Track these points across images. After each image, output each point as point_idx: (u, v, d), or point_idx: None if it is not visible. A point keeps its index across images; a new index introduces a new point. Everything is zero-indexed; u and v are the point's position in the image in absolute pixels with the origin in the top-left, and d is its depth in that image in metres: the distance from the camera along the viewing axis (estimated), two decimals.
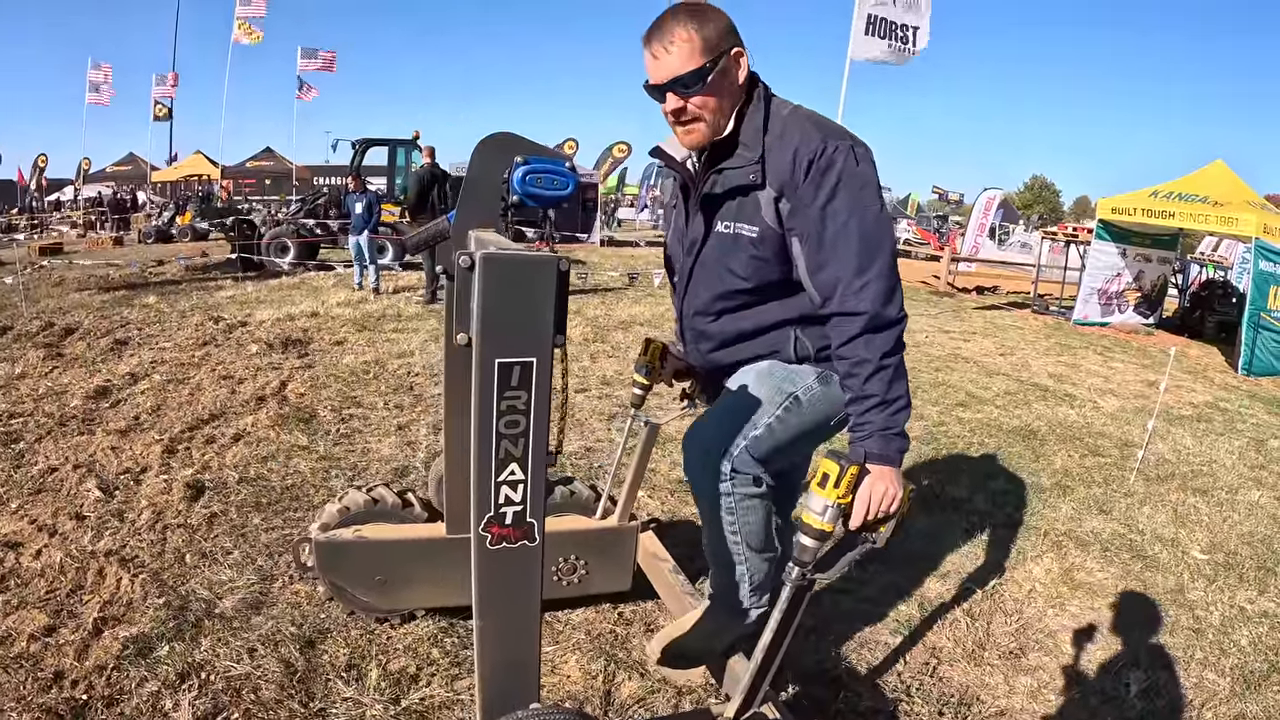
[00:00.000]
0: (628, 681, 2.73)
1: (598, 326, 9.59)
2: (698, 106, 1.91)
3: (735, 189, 1.98)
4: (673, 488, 4.53)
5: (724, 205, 2.02)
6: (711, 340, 2.17)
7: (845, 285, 1.83)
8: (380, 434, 5.21)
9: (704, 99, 1.90)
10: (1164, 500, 5.08)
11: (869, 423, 1.80)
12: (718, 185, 2.01)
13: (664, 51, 1.86)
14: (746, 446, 1.98)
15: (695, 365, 2.35)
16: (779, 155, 1.90)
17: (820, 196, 1.85)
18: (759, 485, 2.03)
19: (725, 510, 2.04)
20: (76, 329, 8.23)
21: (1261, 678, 3.18)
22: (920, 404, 7.06)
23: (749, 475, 2.00)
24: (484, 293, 1.39)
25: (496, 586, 1.58)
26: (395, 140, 17.39)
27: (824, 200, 1.85)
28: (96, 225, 25.56)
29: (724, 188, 2.00)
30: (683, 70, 1.86)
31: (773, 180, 1.91)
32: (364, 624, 2.92)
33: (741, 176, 1.95)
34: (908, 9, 10.02)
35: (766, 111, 1.98)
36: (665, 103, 1.92)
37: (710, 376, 2.38)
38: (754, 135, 1.95)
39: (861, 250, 1.83)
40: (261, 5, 28.89)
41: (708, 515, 2.09)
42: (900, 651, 3.12)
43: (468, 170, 2.28)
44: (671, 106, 1.91)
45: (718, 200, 2.03)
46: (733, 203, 2.00)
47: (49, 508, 3.80)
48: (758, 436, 1.99)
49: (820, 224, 1.86)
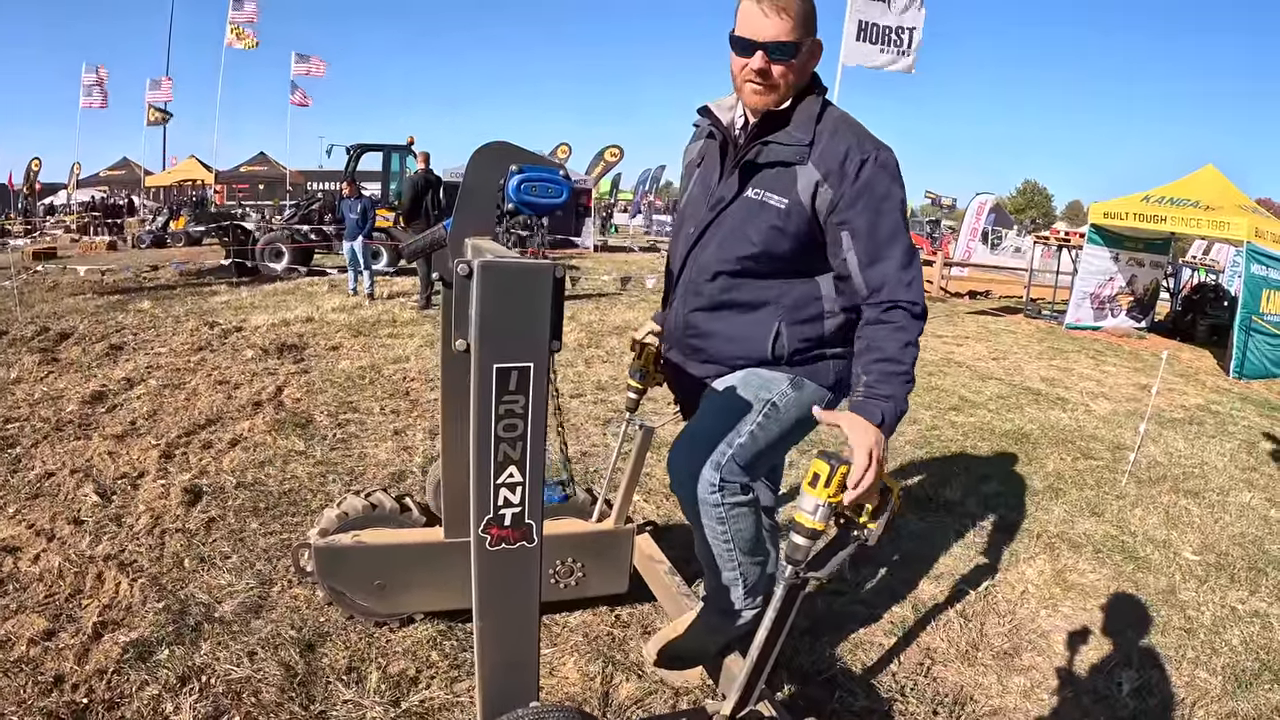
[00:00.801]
0: (625, 683, 2.75)
1: (592, 332, 9.61)
2: (780, 75, 1.98)
3: (777, 162, 2.04)
4: (668, 491, 4.55)
5: (760, 173, 2.08)
6: (700, 298, 2.20)
7: (896, 279, 1.94)
8: (377, 439, 5.23)
9: (786, 70, 1.98)
10: (1156, 502, 5.12)
11: (886, 388, 1.86)
12: (761, 155, 2.06)
13: (774, 12, 1.92)
14: (733, 455, 2.03)
15: (669, 331, 2.36)
16: (831, 145, 1.99)
17: (875, 194, 1.96)
18: (747, 492, 2.08)
19: (716, 520, 2.07)
20: (72, 334, 8.24)
21: (1253, 676, 3.22)
22: (914, 408, 7.09)
23: (737, 484, 2.05)
24: (482, 300, 1.42)
25: (496, 587, 1.61)
26: (390, 146, 17.43)
27: (879, 201, 1.96)
28: (90, 230, 25.49)
29: (767, 159, 2.05)
30: (785, 37, 1.93)
31: (819, 164, 1.99)
32: (363, 628, 2.94)
33: (788, 154, 2.02)
34: (901, 13, 10.04)
35: (823, 106, 2.07)
36: (751, 59, 1.97)
37: (674, 370, 2.41)
38: (807, 120, 2.03)
39: (908, 251, 1.98)
40: (254, 11, 28.88)
41: (699, 525, 2.12)
42: (895, 652, 3.15)
43: (464, 179, 2.31)
44: (758, 64, 1.96)
45: (756, 168, 2.08)
46: (770, 172, 2.06)
47: (47, 512, 3.81)
48: (742, 444, 2.04)
49: (875, 219, 1.96)
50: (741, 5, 1.98)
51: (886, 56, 10.10)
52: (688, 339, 2.26)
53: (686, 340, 2.27)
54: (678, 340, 2.31)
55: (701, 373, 2.26)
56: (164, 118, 31.43)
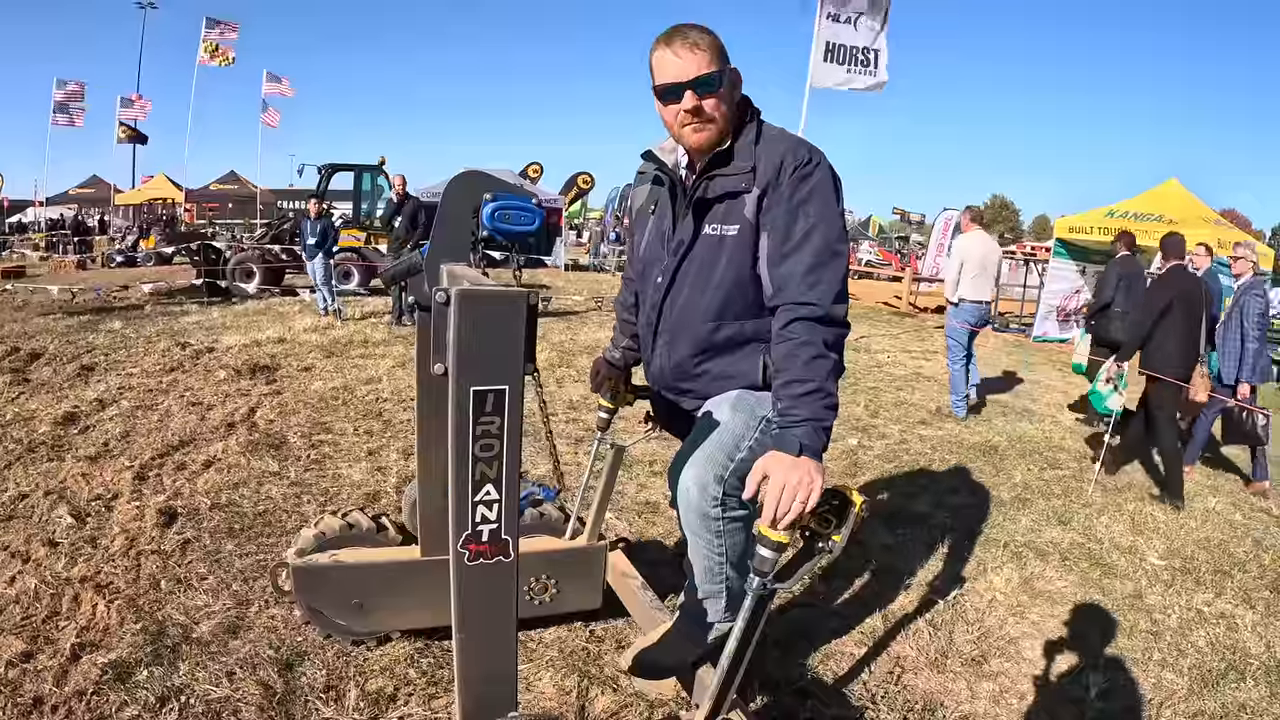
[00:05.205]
0: (601, 696, 2.79)
1: (563, 351, 9.66)
2: (712, 108, 2.03)
3: (726, 194, 2.10)
4: (639, 509, 4.61)
5: (713, 209, 2.13)
6: (685, 345, 2.23)
7: (801, 279, 1.94)
8: (351, 459, 5.24)
9: (717, 102, 2.03)
10: (1122, 510, 5.25)
11: (800, 411, 1.83)
12: (710, 190, 2.12)
13: (687, 52, 1.98)
14: (734, 470, 2.06)
15: (654, 375, 2.39)
16: (767, 161, 2.04)
17: (797, 195, 1.99)
18: (744, 508, 2.11)
19: (714, 533, 2.12)
20: (42, 354, 8.17)
21: (1219, 676, 3.32)
22: (883, 422, 7.20)
23: (736, 498, 2.08)
24: (459, 326, 1.48)
25: (475, 601, 1.66)
26: (361, 165, 17.39)
27: (799, 200, 1.99)
28: (60, 248, 25.20)
29: (715, 193, 2.11)
30: (705, 69, 1.99)
31: (759, 182, 2.04)
32: (341, 647, 2.96)
33: (734, 183, 2.07)
34: (866, 33, 10.17)
35: (759, 130, 2.13)
36: (682, 101, 2.02)
37: (668, 406, 2.46)
38: (747, 148, 2.09)
39: (822, 251, 1.96)
40: (234, 28, 28.75)
41: (696, 536, 2.16)
42: (865, 661, 3.22)
43: (439, 206, 2.36)
44: (689, 105, 2.01)
45: (708, 204, 2.14)
46: (721, 207, 2.12)
47: (20, 534, 3.79)
48: (742, 459, 2.07)
49: (790, 219, 1.99)
50: (654, 57, 2.04)
51: (855, 77, 10.22)
52: (678, 382, 2.31)
53: (677, 384, 2.31)
54: (668, 384, 2.35)
55: (694, 407, 2.31)
56: (137, 136, 31.07)
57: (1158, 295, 5.95)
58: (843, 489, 1.85)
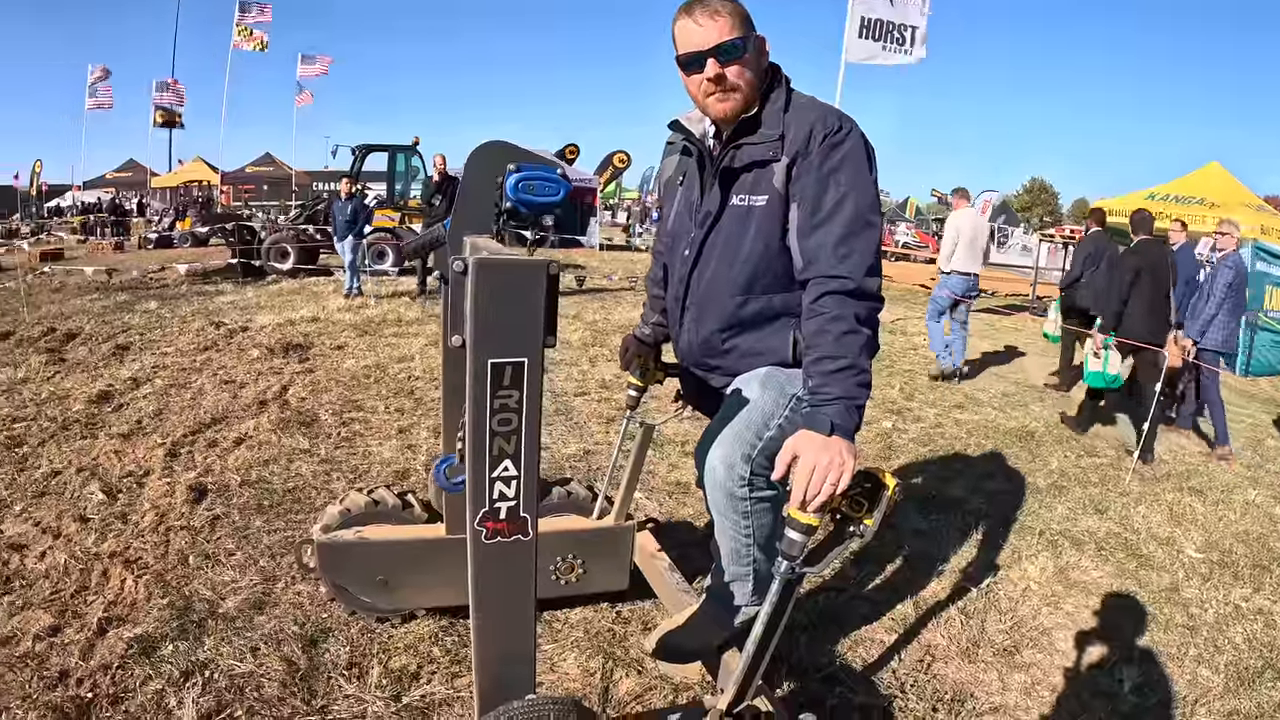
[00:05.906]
0: (625, 678, 2.76)
1: (597, 330, 9.63)
2: (735, 76, 1.97)
3: (754, 163, 2.03)
4: (669, 489, 4.57)
5: (740, 179, 2.07)
6: (713, 320, 2.17)
7: (831, 251, 1.87)
8: (381, 437, 5.25)
9: (741, 69, 1.97)
10: (1160, 500, 5.12)
11: (832, 388, 1.76)
12: (737, 159, 2.05)
13: (708, 19, 1.92)
14: (762, 449, 2.00)
15: (682, 350, 2.33)
16: (798, 129, 1.96)
17: (827, 164, 1.92)
18: (772, 488, 2.05)
19: (741, 514, 2.06)
20: (78, 334, 8.28)
21: (1255, 674, 3.21)
22: (918, 405, 7.10)
23: (764, 477, 2.02)
24: (476, 296, 1.43)
25: (492, 580, 1.62)
26: (395, 146, 17.42)
27: (830, 169, 1.91)
28: (97, 231, 25.57)
29: (742, 162, 2.04)
30: (728, 36, 1.93)
31: (788, 150, 1.97)
32: (365, 623, 2.96)
33: (761, 152, 2.01)
34: (903, 9, 9.99)
35: (788, 97, 2.05)
36: (704, 70, 1.96)
37: (696, 383, 2.40)
38: (775, 116, 2.02)
39: (854, 222, 1.88)
40: (267, 12, 28.92)
41: (723, 517, 2.11)
42: (895, 649, 3.15)
43: (462, 178, 2.32)
44: (712, 73, 1.95)
45: (735, 174, 2.07)
46: (749, 176, 2.05)
47: (53, 510, 3.83)
48: (771, 437, 2.00)
49: (820, 188, 1.91)
50: (676, 26, 1.98)
51: (890, 52, 10.05)
52: (706, 358, 2.25)
53: (705, 359, 2.25)
54: (696, 360, 2.29)
55: (723, 384, 2.25)
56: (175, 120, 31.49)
57: (1126, 266, 6.45)
58: (876, 471, 1.78)
